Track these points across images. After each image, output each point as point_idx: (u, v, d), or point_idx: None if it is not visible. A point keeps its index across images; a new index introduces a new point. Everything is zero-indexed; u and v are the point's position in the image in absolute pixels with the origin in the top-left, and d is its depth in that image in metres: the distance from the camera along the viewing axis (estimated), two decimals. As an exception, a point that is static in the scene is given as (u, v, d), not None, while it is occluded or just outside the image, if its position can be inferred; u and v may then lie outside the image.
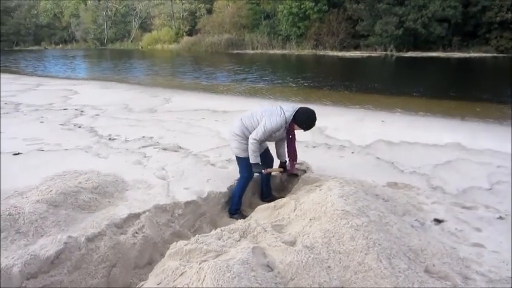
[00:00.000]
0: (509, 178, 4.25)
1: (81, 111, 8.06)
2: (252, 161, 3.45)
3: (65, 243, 2.43)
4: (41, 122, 6.85)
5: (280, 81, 15.54)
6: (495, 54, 27.97)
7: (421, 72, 19.16)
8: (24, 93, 11.18)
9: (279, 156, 3.86)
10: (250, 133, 3.44)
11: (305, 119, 3.41)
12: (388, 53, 31.07)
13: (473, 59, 26.05)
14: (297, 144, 3.70)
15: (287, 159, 3.79)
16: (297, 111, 3.38)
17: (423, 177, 4.30)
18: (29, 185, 3.39)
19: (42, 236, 2.56)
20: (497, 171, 4.49)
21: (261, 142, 3.42)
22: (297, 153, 3.73)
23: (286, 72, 19.95)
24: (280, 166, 3.85)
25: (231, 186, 3.91)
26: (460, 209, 3.43)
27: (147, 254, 2.79)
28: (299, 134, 3.70)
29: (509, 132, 6.52)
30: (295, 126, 3.46)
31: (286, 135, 3.54)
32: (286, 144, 3.69)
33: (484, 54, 28.09)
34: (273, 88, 13.50)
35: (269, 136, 3.40)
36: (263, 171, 3.57)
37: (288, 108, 3.39)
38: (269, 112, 3.39)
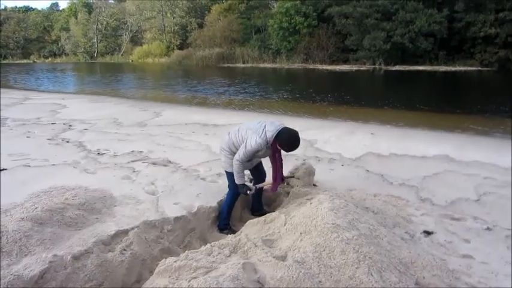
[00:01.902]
0: (496, 189, 4.30)
1: (70, 126, 7.98)
2: (237, 181, 3.40)
3: (50, 262, 2.37)
4: (28, 137, 6.75)
5: (260, 93, 15.75)
6: (480, 68, 28.77)
7: (409, 86, 19.49)
8: (11, 107, 11.04)
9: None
10: (236, 148, 3.41)
11: (286, 141, 3.28)
12: (377, 66, 31.64)
13: (459, 72, 26.62)
14: (287, 158, 3.65)
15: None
16: (279, 131, 3.26)
17: (412, 189, 4.33)
18: (14, 202, 3.31)
19: (26, 255, 2.49)
20: (484, 182, 4.55)
21: (246, 161, 3.37)
22: (282, 173, 3.64)
23: (270, 85, 20.09)
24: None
25: (221, 200, 3.87)
26: (448, 220, 3.46)
27: (136, 271, 2.73)
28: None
29: (496, 143, 6.65)
30: (277, 145, 3.35)
31: (271, 153, 3.46)
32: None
33: (469, 68, 28.84)
34: (247, 100, 13.75)
35: (252, 156, 3.34)
36: (248, 192, 3.46)
37: (271, 128, 3.27)
38: (252, 131, 3.30)
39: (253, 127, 3.35)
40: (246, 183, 3.49)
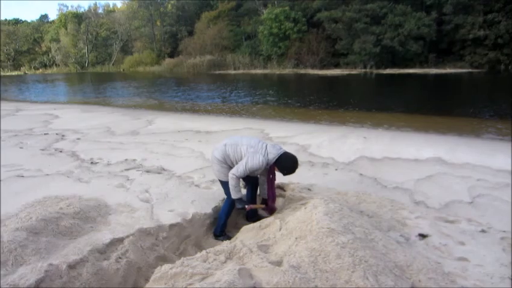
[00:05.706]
0: (490, 191, 4.34)
1: (62, 136, 7.94)
2: (233, 196, 3.42)
3: (46, 271, 2.35)
4: (21, 148, 6.70)
5: (251, 99, 15.84)
6: (470, 70, 29.05)
7: (400, 89, 19.64)
8: (2, 118, 10.96)
9: (261, 193, 3.87)
10: (231, 161, 3.45)
11: (287, 166, 3.40)
12: (368, 70, 31.87)
13: (450, 74, 26.86)
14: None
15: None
16: (280, 155, 3.37)
17: (406, 192, 4.35)
18: (8, 213, 3.29)
19: (21, 265, 2.47)
20: (477, 184, 4.58)
21: (241, 177, 3.40)
22: (275, 193, 3.75)
23: (262, 90, 20.00)
24: (262, 202, 3.85)
25: (215, 207, 3.88)
26: (443, 223, 3.47)
27: (131, 279, 2.72)
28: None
29: (486, 145, 6.72)
30: (276, 168, 3.48)
31: (267, 172, 3.58)
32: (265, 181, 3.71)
33: (459, 70, 29.11)
34: (238, 106, 13.88)
35: (250, 173, 3.39)
36: (246, 207, 3.52)
37: (272, 150, 3.37)
38: (254, 150, 3.34)
39: (255, 145, 3.39)
40: (242, 197, 3.50)
